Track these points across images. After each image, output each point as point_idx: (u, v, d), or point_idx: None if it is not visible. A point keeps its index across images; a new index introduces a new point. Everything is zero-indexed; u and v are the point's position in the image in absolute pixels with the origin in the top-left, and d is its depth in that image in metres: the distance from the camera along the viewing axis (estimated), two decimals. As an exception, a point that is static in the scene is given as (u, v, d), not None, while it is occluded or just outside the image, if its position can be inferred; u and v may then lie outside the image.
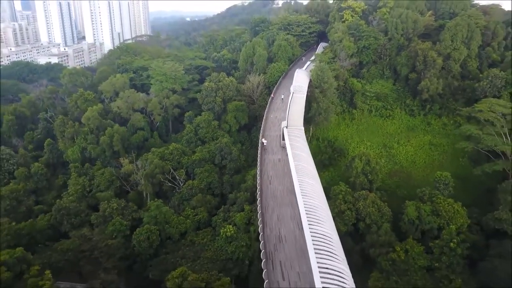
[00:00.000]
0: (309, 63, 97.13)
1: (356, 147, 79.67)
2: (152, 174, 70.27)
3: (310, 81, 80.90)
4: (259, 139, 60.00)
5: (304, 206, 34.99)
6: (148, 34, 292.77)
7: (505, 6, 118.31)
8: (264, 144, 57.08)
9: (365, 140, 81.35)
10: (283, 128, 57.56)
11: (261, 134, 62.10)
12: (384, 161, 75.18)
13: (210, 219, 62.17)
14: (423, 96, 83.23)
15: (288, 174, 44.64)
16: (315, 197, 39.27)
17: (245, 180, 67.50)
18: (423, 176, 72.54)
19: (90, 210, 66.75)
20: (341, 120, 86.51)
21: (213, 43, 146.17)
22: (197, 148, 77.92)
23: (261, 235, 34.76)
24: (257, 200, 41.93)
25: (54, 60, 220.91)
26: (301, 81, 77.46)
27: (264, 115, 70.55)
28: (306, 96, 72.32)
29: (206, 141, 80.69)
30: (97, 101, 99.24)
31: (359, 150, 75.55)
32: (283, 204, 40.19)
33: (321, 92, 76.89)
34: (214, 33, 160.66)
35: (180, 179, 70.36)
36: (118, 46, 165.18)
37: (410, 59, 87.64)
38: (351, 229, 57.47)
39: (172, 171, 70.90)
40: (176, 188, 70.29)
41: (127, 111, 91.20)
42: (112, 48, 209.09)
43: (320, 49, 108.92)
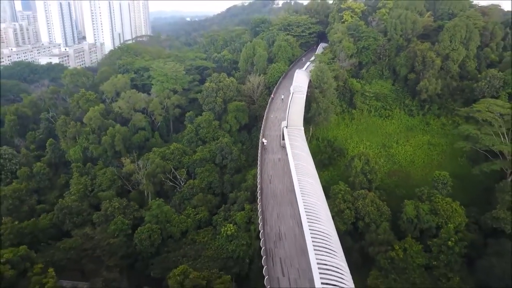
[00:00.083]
0: (309, 64, 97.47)
1: (356, 147, 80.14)
2: (154, 174, 70.95)
3: (310, 82, 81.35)
4: (259, 139, 60.64)
5: (304, 205, 35.63)
6: (149, 35, 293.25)
7: (505, 6, 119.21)
8: (264, 144, 57.70)
9: (365, 140, 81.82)
10: (283, 128, 58.18)
11: (261, 134, 62.72)
12: (383, 161, 75.63)
13: (211, 218, 62.72)
14: (422, 96, 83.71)
15: (288, 173, 45.28)
16: (315, 196, 39.90)
17: (246, 180, 68.13)
18: (422, 176, 72.94)
19: (92, 209, 67.49)
20: (341, 120, 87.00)
21: (214, 44, 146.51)
22: (198, 148, 78.52)
23: (261, 233, 35.40)
24: (258, 199, 42.55)
25: (55, 60, 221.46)
26: (301, 82, 77.90)
27: (264, 115, 71.16)
28: (306, 96, 72.75)
29: (207, 141, 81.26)
30: (99, 101, 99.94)
31: (359, 150, 76.23)
32: (283, 203, 40.88)
33: (321, 92, 77.45)
34: (215, 34, 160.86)
35: (181, 179, 70.95)
36: (119, 47, 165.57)
37: (409, 60, 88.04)
38: (351, 228, 58.05)
39: (173, 171, 71.54)
40: (177, 188, 70.90)
41: (129, 111, 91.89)
42: (113, 48, 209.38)
43: (320, 50, 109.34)
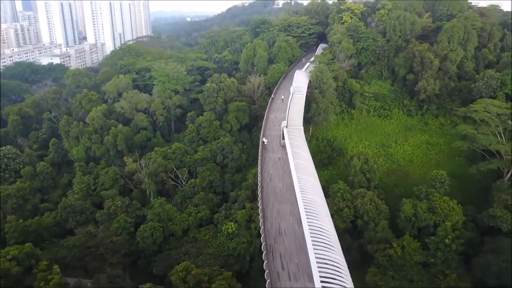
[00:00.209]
0: (309, 64, 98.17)
1: (355, 147, 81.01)
2: (155, 173, 71.92)
3: (310, 82, 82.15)
4: (260, 139, 61.47)
5: (303, 202, 36.55)
6: (149, 35, 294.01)
7: (505, 7, 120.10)
8: (265, 143, 58.57)
9: (364, 140, 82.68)
10: (283, 128, 59.04)
11: (262, 134, 63.52)
12: (382, 160, 76.53)
13: (212, 217, 63.51)
14: (421, 97, 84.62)
15: (288, 172, 46.20)
16: (314, 193, 40.81)
17: (246, 179, 69.02)
18: (420, 175, 73.84)
19: (95, 208, 68.19)
20: (340, 120, 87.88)
21: (214, 44, 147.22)
22: (199, 148, 79.38)
23: (262, 229, 36.35)
24: (258, 197, 43.45)
25: (56, 61, 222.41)
26: (301, 82, 78.66)
27: (265, 115, 71.98)
28: (306, 97, 73.51)
29: (208, 141, 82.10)
30: (101, 102, 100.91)
31: (358, 150, 77.20)
32: (283, 200, 41.85)
33: (321, 93, 78.30)
34: (215, 34, 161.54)
35: (183, 178, 71.89)
36: (121, 47, 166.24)
37: (408, 60, 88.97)
38: (349, 226, 58.96)
39: (175, 170, 72.47)
40: (179, 187, 71.84)
41: (131, 111, 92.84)
42: (113, 49, 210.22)
43: (320, 50, 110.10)
